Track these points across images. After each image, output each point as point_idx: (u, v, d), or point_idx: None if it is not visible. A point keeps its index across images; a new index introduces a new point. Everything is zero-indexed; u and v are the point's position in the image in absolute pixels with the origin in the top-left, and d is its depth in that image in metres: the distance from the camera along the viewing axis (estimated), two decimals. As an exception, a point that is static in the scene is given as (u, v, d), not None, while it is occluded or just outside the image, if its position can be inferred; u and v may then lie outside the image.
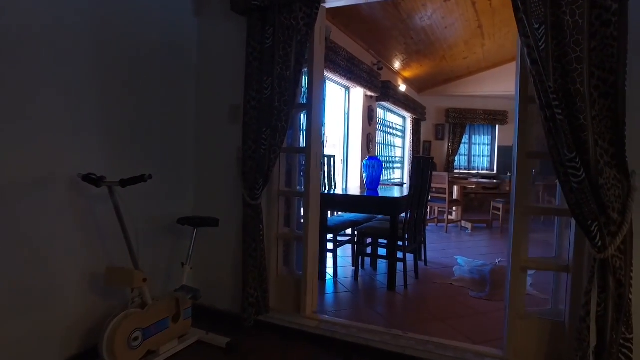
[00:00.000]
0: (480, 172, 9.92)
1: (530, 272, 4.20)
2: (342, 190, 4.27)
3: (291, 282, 2.83)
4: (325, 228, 3.63)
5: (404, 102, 7.49)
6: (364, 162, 4.14)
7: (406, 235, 3.52)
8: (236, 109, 2.76)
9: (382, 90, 6.38)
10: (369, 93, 5.98)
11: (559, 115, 1.94)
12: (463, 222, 6.82)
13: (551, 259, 2.52)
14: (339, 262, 3.94)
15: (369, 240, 4.10)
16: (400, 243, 3.51)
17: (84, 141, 2.01)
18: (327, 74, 4.90)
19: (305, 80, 2.84)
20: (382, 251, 4.35)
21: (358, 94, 5.98)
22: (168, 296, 2.22)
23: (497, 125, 9.80)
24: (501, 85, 8.68)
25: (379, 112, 7.37)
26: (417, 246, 3.95)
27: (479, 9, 5.45)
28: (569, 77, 1.93)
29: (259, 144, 2.56)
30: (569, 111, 1.93)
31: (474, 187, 6.59)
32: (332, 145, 6.10)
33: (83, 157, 2.00)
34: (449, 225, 6.55)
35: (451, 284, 3.70)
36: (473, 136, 10.04)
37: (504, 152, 9.80)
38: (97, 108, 2.09)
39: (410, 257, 3.83)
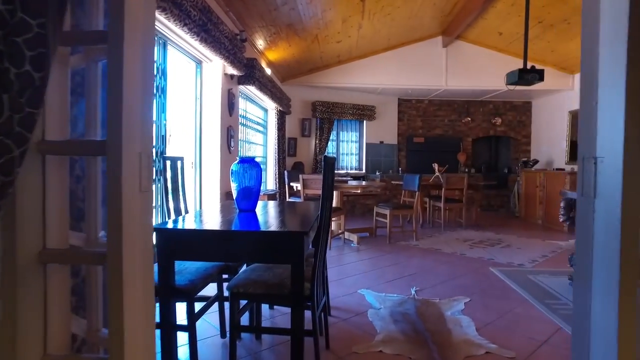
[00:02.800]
0: (349, 172, 9.16)
1: (458, 301, 3.22)
2: (196, 217, 2.54)
3: None
4: (170, 290, 1.96)
5: (271, 89, 6.08)
6: (234, 167, 2.56)
7: (315, 290, 2.10)
8: None
9: (247, 69, 4.86)
10: (231, 70, 4.39)
11: None
12: (346, 233, 5.76)
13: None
14: (198, 331, 2.31)
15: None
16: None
17: None
18: (164, 25, 3.18)
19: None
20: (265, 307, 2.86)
21: (215, 70, 4.34)
22: None
23: (364, 121, 9.15)
24: (370, 77, 7.97)
25: (239, 102, 5.82)
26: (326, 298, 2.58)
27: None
28: None
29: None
30: None
31: (359, 191, 5.60)
32: (177, 143, 4.34)
33: None
34: (331, 239, 5.39)
35: (380, 350, 2.42)
36: (341, 132, 9.22)
37: (372, 149, 9.22)
38: None
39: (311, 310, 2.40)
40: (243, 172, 2.52)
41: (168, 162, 2.71)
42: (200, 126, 4.32)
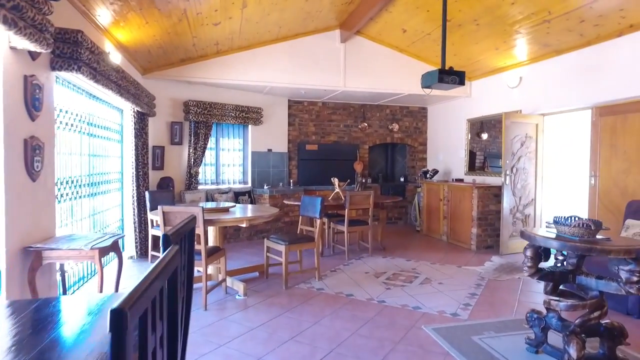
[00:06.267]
0: (232, 186, 7.63)
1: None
2: None
3: None
4: None
5: (117, 81, 4.29)
6: None
7: None
8: None
9: (65, 45, 3.08)
10: (24, 43, 2.60)
11: None
12: (229, 279, 4.28)
13: None
14: None
15: None
16: None
17: None
18: None
19: None
20: None
21: (-6, 43, 2.53)
22: None
23: (250, 126, 7.70)
24: (256, 73, 6.58)
25: (70, 97, 3.95)
26: None
27: None
28: None
29: None
30: None
31: (244, 225, 4.13)
32: None
33: None
34: (207, 294, 3.86)
35: None
36: (221, 139, 7.63)
37: (260, 159, 7.83)
38: None
39: None
40: None
41: None
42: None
